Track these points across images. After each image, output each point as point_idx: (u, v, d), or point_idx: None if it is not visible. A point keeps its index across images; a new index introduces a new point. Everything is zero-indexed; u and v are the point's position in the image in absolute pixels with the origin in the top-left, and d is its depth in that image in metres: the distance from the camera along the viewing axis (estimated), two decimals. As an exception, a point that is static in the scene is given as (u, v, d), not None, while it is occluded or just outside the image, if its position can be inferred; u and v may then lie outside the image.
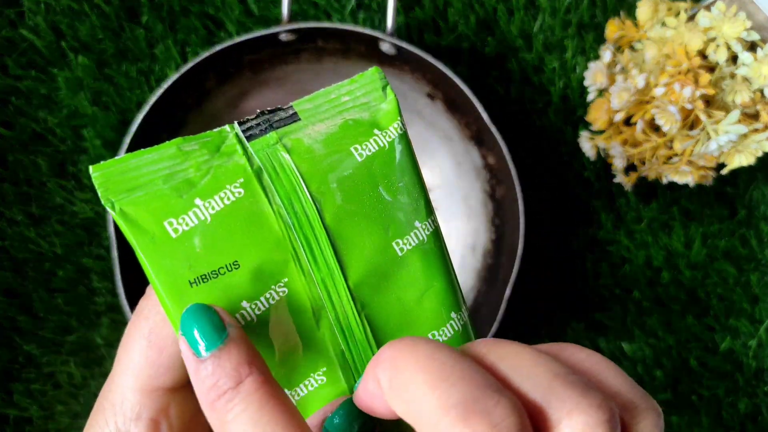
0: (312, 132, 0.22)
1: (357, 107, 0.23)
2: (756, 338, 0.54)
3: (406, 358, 0.18)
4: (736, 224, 0.55)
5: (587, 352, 0.19)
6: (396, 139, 0.23)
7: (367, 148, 0.22)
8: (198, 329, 0.20)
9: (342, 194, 0.22)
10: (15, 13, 0.53)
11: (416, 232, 0.22)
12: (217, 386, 0.19)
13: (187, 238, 0.21)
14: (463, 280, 0.54)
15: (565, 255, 0.55)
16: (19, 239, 0.54)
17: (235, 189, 0.21)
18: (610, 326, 0.55)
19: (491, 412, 0.16)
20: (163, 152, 0.21)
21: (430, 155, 0.55)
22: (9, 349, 0.54)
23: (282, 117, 0.22)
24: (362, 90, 0.23)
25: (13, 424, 0.54)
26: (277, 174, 0.22)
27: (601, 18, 0.54)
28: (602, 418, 0.17)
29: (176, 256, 0.21)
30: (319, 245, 0.22)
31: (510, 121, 0.54)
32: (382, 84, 0.23)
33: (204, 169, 0.21)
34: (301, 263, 0.21)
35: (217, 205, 0.21)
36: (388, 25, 0.48)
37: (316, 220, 0.21)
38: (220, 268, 0.21)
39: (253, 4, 0.54)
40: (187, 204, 0.21)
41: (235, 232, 0.21)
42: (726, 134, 0.45)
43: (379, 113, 0.23)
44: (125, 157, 0.21)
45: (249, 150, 0.22)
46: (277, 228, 0.21)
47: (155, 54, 0.54)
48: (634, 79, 0.46)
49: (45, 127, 0.54)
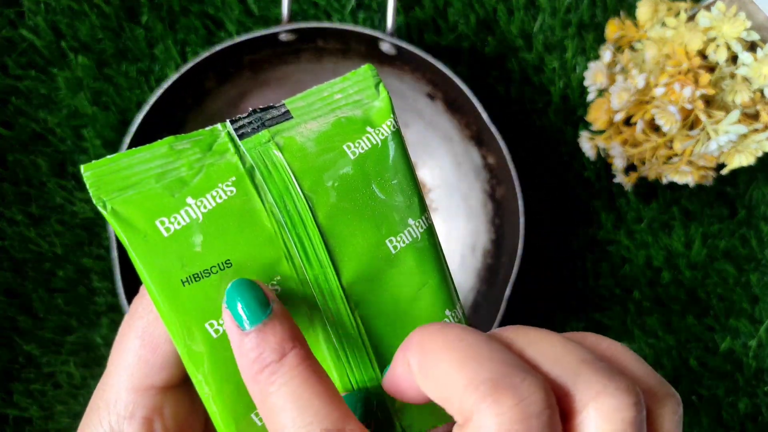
0: (304, 130, 0.22)
1: (350, 105, 0.23)
2: (756, 338, 0.54)
3: (435, 341, 0.18)
4: (736, 224, 0.55)
5: (609, 341, 0.20)
6: (389, 137, 0.23)
7: (360, 145, 0.22)
8: (242, 303, 0.20)
9: (335, 192, 0.22)
10: (15, 12, 0.53)
11: (410, 230, 0.22)
12: (261, 359, 0.19)
13: (179, 237, 0.21)
14: (463, 279, 0.54)
15: (565, 255, 0.55)
16: (19, 239, 0.54)
17: (227, 187, 0.21)
18: (610, 326, 0.55)
19: (518, 386, 0.17)
20: (155, 151, 0.21)
21: (430, 155, 0.55)
22: (9, 349, 0.54)
23: (274, 115, 0.22)
24: (355, 87, 0.23)
25: (13, 424, 0.54)
26: (269, 172, 0.22)
27: (601, 18, 0.54)
28: (629, 401, 0.17)
29: (168, 255, 0.21)
30: (312, 243, 0.22)
31: (510, 121, 0.54)
32: (375, 81, 0.23)
33: (196, 168, 0.21)
34: (294, 261, 0.21)
35: (209, 203, 0.21)
36: (388, 25, 0.48)
37: (309, 219, 0.21)
38: (212, 267, 0.21)
39: (253, 4, 0.54)
40: (179, 203, 0.21)
41: (227, 231, 0.21)
42: (726, 134, 0.45)
43: (372, 111, 0.23)
44: (117, 156, 0.21)
45: (241, 148, 0.22)
46: (270, 226, 0.21)
47: (155, 54, 0.54)
48: (634, 79, 0.46)
49: (45, 127, 0.54)
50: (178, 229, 0.21)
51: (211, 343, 0.21)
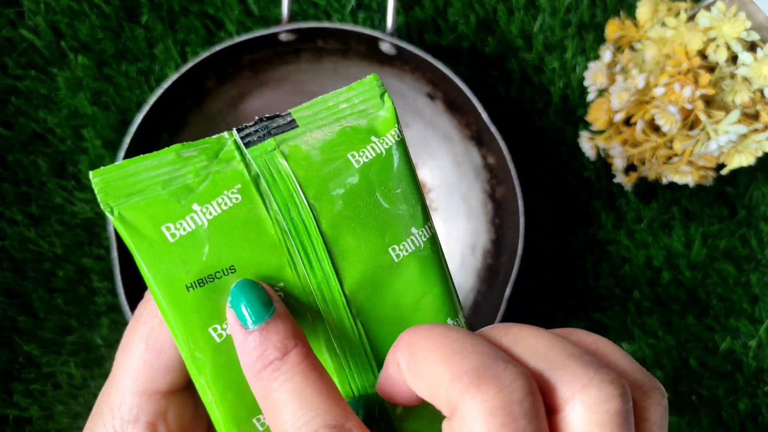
0: (310, 139, 0.22)
1: (354, 114, 0.23)
2: (756, 338, 0.54)
3: (422, 340, 0.19)
4: (736, 224, 0.55)
5: (594, 336, 0.20)
6: (393, 146, 0.23)
7: (365, 155, 0.22)
8: (246, 303, 0.20)
9: (340, 201, 0.22)
10: (15, 12, 0.53)
11: (413, 239, 0.23)
12: (264, 356, 0.20)
13: (184, 243, 0.21)
14: (463, 279, 0.54)
15: (565, 255, 0.55)
16: (18, 239, 0.54)
17: (232, 195, 0.21)
18: (610, 326, 0.55)
19: (500, 375, 0.17)
20: (162, 158, 0.21)
21: (430, 155, 0.55)
22: (9, 349, 0.54)
23: (280, 124, 0.23)
24: (360, 97, 0.23)
25: (13, 424, 0.54)
26: (274, 180, 0.22)
27: (601, 18, 0.54)
28: (615, 393, 0.17)
29: (173, 260, 0.21)
30: (315, 251, 0.22)
31: (510, 121, 0.54)
32: (380, 91, 0.23)
33: (202, 175, 0.21)
34: (297, 268, 0.22)
35: (215, 210, 0.21)
36: (388, 25, 0.48)
37: (313, 226, 0.22)
38: (216, 273, 0.21)
39: (252, 4, 0.54)
40: (185, 209, 0.21)
41: (232, 238, 0.21)
42: (726, 134, 0.45)
43: (377, 120, 0.23)
44: (125, 163, 0.21)
45: (247, 156, 0.22)
46: (274, 233, 0.21)
47: (155, 54, 0.54)
48: (634, 79, 0.46)
49: (45, 127, 0.54)
50: (184, 235, 0.21)
51: (214, 347, 0.21)
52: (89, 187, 0.54)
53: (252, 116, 0.54)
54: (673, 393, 0.55)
